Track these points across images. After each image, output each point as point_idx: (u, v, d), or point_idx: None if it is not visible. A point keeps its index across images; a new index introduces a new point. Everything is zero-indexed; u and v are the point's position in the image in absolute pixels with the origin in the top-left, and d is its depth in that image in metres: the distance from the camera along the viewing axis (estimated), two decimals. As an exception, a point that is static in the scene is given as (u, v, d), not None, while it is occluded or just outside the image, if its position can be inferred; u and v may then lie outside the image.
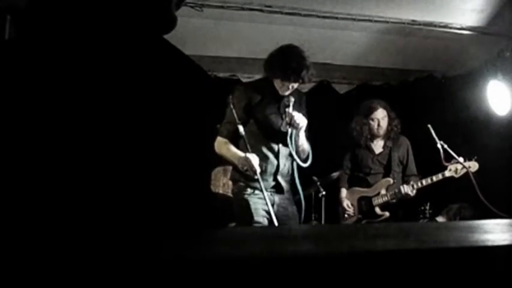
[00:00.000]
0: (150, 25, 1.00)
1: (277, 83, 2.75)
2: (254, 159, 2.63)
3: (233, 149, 2.79)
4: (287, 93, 2.76)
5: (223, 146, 2.82)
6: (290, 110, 2.71)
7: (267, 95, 2.80)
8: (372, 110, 3.90)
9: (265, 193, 2.57)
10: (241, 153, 2.72)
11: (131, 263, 0.48)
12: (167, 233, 0.80)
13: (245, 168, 2.66)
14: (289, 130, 2.75)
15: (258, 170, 2.61)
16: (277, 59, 2.71)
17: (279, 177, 2.80)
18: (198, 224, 1.05)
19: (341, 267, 0.51)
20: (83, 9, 0.93)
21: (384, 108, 3.90)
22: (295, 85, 2.74)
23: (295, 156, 2.78)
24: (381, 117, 3.88)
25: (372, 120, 3.89)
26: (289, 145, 2.75)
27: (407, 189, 3.64)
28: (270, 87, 2.78)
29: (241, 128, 2.70)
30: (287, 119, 2.72)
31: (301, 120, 2.72)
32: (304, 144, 2.84)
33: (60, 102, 0.85)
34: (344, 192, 3.95)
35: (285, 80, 2.71)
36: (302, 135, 2.80)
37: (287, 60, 2.67)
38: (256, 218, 2.69)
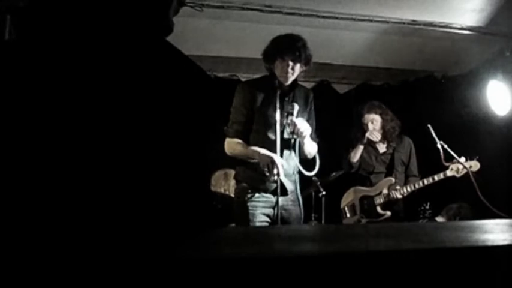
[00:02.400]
0: (147, 30, 1.00)
1: (277, 71, 2.68)
2: (279, 160, 2.55)
3: (250, 146, 2.70)
4: (289, 79, 2.67)
5: (236, 146, 2.72)
6: (293, 118, 2.64)
7: (269, 93, 2.73)
8: (360, 116, 3.93)
9: (267, 196, 2.51)
10: (265, 151, 2.60)
11: (131, 264, 0.48)
12: (167, 233, 0.80)
13: (266, 168, 2.57)
14: (293, 138, 2.69)
15: (282, 174, 2.53)
16: (272, 42, 2.69)
17: (283, 178, 2.70)
18: (198, 224, 1.04)
19: (341, 267, 0.51)
20: (82, 9, 0.93)
21: (375, 112, 3.90)
22: (296, 68, 2.65)
23: (300, 166, 2.73)
24: (369, 121, 3.89)
25: (362, 126, 3.92)
26: (294, 154, 2.71)
27: (394, 194, 3.78)
28: (271, 85, 2.72)
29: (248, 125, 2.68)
30: (290, 127, 2.64)
31: (304, 128, 2.64)
32: (309, 147, 2.78)
33: (61, 102, 0.85)
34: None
35: (281, 56, 2.64)
36: (307, 140, 2.74)
37: (281, 39, 2.66)
38: (252, 224, 2.63)
